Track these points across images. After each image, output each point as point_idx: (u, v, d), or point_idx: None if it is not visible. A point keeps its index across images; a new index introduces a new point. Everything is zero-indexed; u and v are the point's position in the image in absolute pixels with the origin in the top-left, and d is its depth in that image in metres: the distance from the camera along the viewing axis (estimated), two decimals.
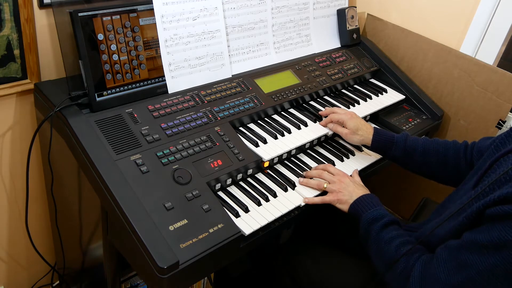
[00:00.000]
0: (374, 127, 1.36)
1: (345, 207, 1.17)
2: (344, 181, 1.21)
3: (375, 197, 1.15)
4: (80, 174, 1.18)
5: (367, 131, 1.35)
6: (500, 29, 1.63)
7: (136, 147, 1.11)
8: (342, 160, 1.39)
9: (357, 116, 1.40)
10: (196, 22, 1.34)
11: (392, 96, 1.73)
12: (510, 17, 1.60)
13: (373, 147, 1.35)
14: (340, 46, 1.84)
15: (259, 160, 1.24)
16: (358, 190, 1.18)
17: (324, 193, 1.23)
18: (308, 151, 1.41)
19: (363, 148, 1.45)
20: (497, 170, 0.91)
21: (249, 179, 1.24)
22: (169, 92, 1.30)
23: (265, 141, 1.30)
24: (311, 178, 1.26)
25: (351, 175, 1.28)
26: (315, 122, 1.45)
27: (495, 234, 0.79)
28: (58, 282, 1.73)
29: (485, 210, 0.83)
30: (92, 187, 1.08)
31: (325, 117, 1.44)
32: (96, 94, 1.17)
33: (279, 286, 1.35)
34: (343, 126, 1.38)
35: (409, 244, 1.00)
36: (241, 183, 1.22)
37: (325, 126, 1.42)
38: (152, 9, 1.24)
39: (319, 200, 1.20)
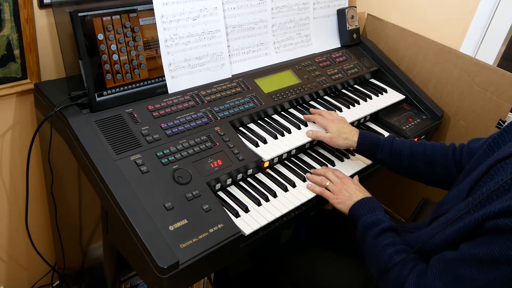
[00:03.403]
0: (360, 130, 1.34)
1: (344, 208, 1.16)
2: (346, 183, 1.21)
3: (375, 201, 1.14)
4: (80, 174, 1.18)
5: (351, 134, 1.32)
6: (500, 29, 1.63)
7: (136, 147, 1.11)
8: (342, 160, 1.40)
9: (339, 120, 1.38)
10: (196, 22, 1.34)
11: (392, 96, 1.73)
12: (510, 17, 1.60)
13: (358, 150, 1.32)
14: (340, 46, 1.84)
15: (259, 160, 1.24)
16: (359, 192, 1.18)
17: None
18: (308, 151, 1.41)
19: None
20: (495, 177, 0.87)
21: (249, 179, 1.24)
22: (169, 92, 1.30)
23: (265, 141, 1.30)
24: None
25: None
26: (315, 122, 1.45)
27: (496, 248, 0.77)
28: (58, 282, 1.73)
29: (484, 222, 0.81)
30: (92, 187, 1.08)
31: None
32: (96, 94, 1.17)
33: (278, 286, 1.35)
34: (326, 131, 1.36)
35: (404, 252, 0.98)
36: (241, 183, 1.22)
37: (309, 120, 1.42)
38: (152, 9, 1.24)
39: (319, 190, 1.21)
